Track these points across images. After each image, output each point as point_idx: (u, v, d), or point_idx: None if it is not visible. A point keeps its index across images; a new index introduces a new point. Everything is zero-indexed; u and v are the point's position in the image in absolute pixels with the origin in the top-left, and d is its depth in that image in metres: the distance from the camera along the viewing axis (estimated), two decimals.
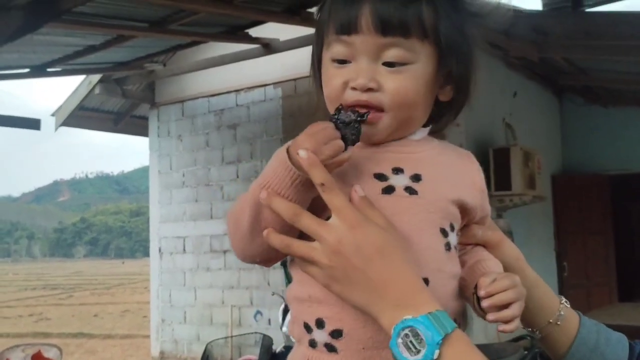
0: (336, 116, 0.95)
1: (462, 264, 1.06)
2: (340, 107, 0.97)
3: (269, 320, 7.20)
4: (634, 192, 10.03)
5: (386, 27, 0.97)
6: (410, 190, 1.00)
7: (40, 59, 6.32)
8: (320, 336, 0.97)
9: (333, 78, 1.02)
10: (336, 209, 0.91)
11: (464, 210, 1.06)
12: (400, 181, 1.00)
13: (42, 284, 36.71)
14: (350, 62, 1.01)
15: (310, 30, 5.68)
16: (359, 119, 0.95)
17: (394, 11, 0.97)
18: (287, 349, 4.43)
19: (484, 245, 1.12)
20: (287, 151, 0.93)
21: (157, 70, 7.83)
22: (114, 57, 6.82)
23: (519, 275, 1.07)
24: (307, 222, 0.92)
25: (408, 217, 0.98)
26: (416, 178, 1.01)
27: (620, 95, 8.20)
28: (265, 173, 0.96)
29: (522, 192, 6.43)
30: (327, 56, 1.04)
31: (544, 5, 5.02)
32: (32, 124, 7.65)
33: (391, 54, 0.99)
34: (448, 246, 1.02)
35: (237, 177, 7.71)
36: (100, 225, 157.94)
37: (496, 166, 6.34)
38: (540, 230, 7.99)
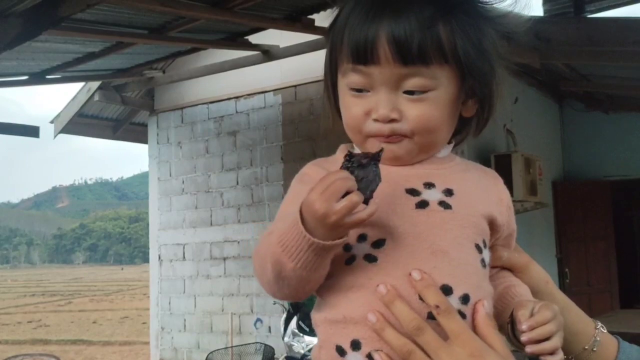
0: (350, 160, 0.89)
1: None
2: (349, 152, 0.90)
3: (269, 327, 7.16)
4: (636, 198, 10.02)
5: (406, 57, 0.93)
6: (444, 205, 0.97)
7: (39, 66, 6.29)
8: (356, 359, 0.93)
9: (352, 107, 0.98)
10: (454, 334, 0.88)
11: (493, 226, 1.04)
12: (433, 196, 0.98)
13: (41, 290, 36.74)
14: (368, 91, 0.97)
15: (310, 37, 5.65)
16: (374, 161, 0.89)
17: (412, 38, 0.92)
18: (289, 359, 4.39)
19: (510, 268, 1.09)
20: (300, 212, 0.87)
21: (157, 77, 7.81)
22: (113, 64, 6.80)
23: (549, 299, 1.05)
24: (429, 339, 0.89)
25: (444, 231, 0.96)
26: (449, 192, 0.99)
27: (622, 101, 8.18)
28: (282, 228, 0.91)
29: (524, 198, 6.42)
30: (343, 82, 1.00)
31: (546, 11, 5.00)
32: (31, 131, 7.61)
33: (412, 83, 0.95)
34: (483, 263, 0.99)
35: (237, 183, 7.68)
36: (99, 231, 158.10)
37: (497, 172, 6.31)
38: (542, 237, 7.97)
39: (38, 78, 6.64)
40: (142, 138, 9.14)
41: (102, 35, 5.36)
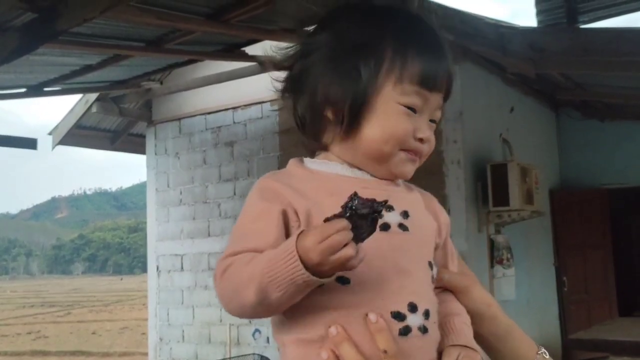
0: (352, 204, 0.89)
1: None
2: (354, 195, 0.90)
3: (267, 338, 7.16)
4: (633, 206, 10.02)
5: (448, 91, 1.09)
6: (403, 227, 1.03)
7: (37, 79, 6.31)
8: None
9: (404, 123, 1.04)
10: None
11: (436, 245, 1.11)
12: (393, 218, 1.03)
13: (40, 301, 36.62)
14: (416, 112, 1.05)
15: None
16: (375, 214, 0.90)
17: (450, 75, 1.08)
18: None
19: (451, 290, 1.11)
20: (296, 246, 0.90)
21: (154, 88, 7.83)
22: (111, 76, 6.81)
23: (492, 322, 1.10)
24: None
25: (403, 252, 1.01)
26: (405, 215, 1.04)
27: (618, 109, 8.21)
28: (268, 258, 0.93)
29: (520, 207, 6.41)
30: (395, 98, 1.04)
31: (540, 22, 5.03)
32: (29, 143, 7.61)
33: (439, 113, 1.09)
34: (433, 279, 1.07)
35: (235, 194, 7.70)
36: (99, 242, 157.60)
37: (494, 182, 6.32)
38: (539, 246, 7.98)
39: (36, 90, 6.65)
40: (140, 149, 9.16)
41: (100, 48, 5.38)
